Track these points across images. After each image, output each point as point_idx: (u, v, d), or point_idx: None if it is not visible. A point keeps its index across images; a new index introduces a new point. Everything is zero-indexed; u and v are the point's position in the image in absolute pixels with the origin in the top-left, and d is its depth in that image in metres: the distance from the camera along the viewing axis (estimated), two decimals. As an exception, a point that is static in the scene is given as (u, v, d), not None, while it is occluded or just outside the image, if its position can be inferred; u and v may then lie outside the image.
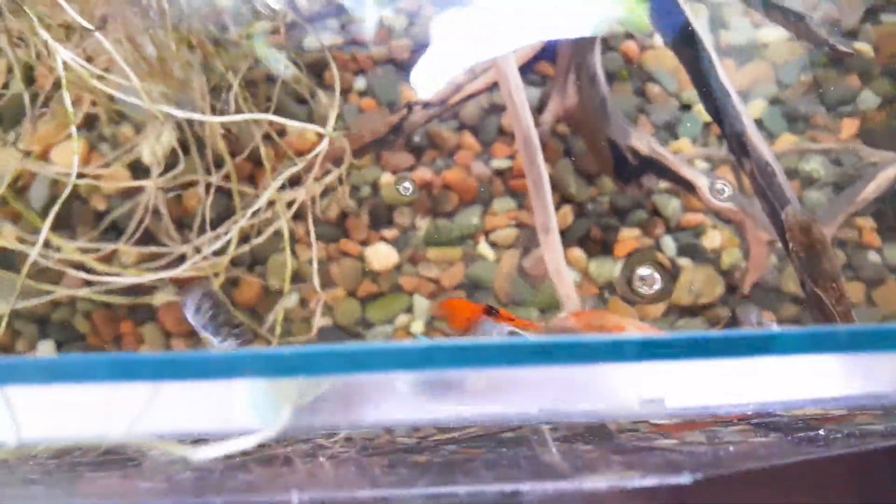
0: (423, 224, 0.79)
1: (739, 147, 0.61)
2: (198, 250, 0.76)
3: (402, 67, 0.83)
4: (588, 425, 0.46)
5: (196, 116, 0.54)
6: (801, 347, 0.27)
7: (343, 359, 0.26)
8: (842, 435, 0.52)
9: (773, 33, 0.79)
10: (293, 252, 0.78)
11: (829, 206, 0.74)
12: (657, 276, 0.73)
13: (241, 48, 0.64)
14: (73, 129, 0.51)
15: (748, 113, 0.62)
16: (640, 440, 0.52)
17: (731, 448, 0.56)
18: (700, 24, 0.70)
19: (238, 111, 0.62)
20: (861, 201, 0.72)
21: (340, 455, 0.52)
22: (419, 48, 0.83)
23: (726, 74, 0.67)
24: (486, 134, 0.80)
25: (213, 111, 0.61)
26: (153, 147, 0.72)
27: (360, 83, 0.83)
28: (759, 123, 0.79)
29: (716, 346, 0.26)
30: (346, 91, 0.82)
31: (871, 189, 0.72)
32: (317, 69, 0.81)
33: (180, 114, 0.53)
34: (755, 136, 0.60)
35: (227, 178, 0.74)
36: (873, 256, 0.78)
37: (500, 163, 0.80)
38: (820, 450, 0.58)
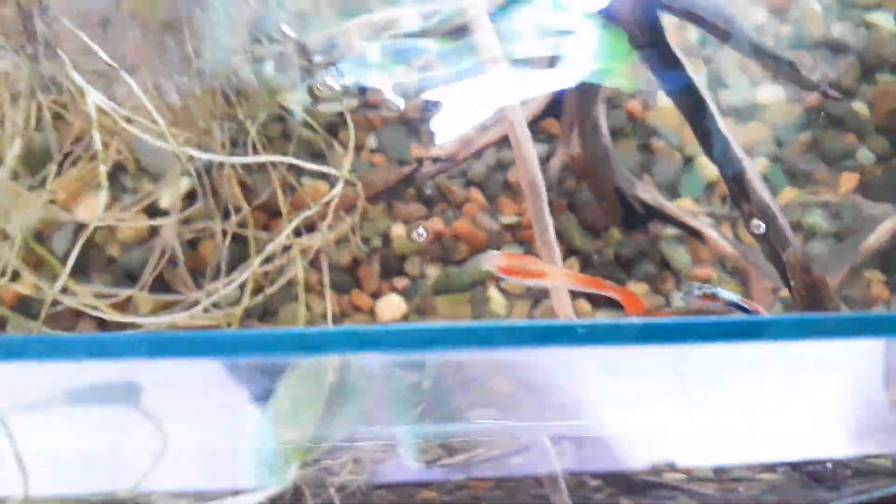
0: (433, 272, 0.82)
1: (740, 190, 0.64)
2: (210, 296, 0.78)
3: (412, 127, 0.87)
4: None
5: (217, 157, 0.57)
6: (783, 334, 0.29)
7: (355, 338, 0.29)
8: (850, 471, 0.53)
9: (772, 92, 0.83)
10: (306, 304, 0.80)
11: (831, 256, 0.76)
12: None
13: (261, 99, 0.69)
14: (102, 168, 0.55)
15: (748, 158, 0.65)
16: (647, 474, 0.53)
17: (741, 489, 0.57)
18: (699, 81, 0.75)
19: (261, 168, 0.66)
20: (863, 252, 0.75)
21: (349, 488, 0.53)
22: (429, 109, 0.88)
23: (725, 124, 0.71)
24: (493, 189, 0.84)
25: (235, 171, 0.65)
26: (173, 192, 0.76)
27: (371, 141, 0.87)
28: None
29: (701, 330, 0.28)
30: (358, 148, 0.86)
31: (872, 240, 0.75)
32: (331, 127, 0.86)
33: (202, 155, 0.57)
34: (755, 180, 0.63)
35: (242, 225, 0.77)
36: (881, 310, 0.80)
37: (507, 218, 0.83)
38: (831, 494, 0.59)
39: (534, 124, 0.83)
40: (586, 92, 0.76)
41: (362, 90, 0.79)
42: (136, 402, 0.83)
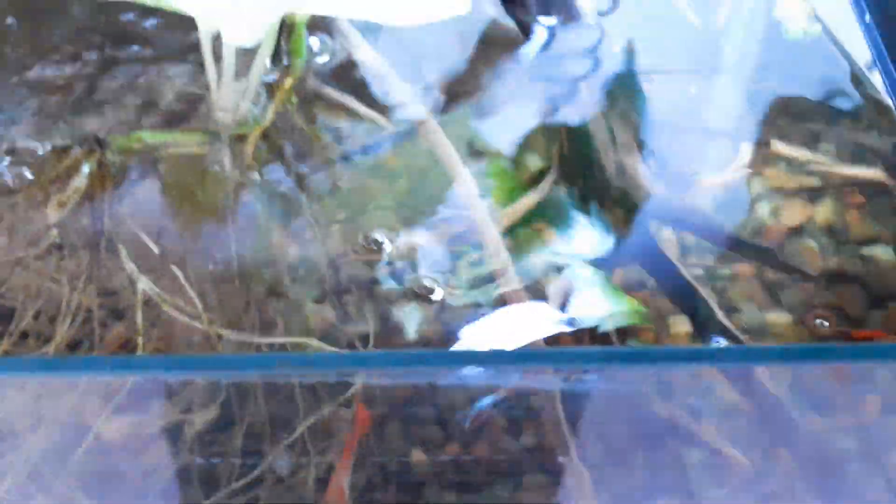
0: (452, 498, 0.82)
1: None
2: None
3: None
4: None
5: (247, 339, 0.64)
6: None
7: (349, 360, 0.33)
8: None
9: (780, 315, 0.88)
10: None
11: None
12: None
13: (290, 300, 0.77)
14: (140, 340, 0.62)
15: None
16: None
17: None
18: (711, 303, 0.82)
19: (282, 348, 0.72)
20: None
21: None
22: (450, 335, 0.94)
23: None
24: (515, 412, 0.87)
25: (258, 349, 0.72)
26: (202, 416, 0.82)
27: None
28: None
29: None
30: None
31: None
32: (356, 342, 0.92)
33: (233, 336, 0.64)
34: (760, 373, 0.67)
35: (258, 440, 0.81)
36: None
37: (528, 439, 0.85)
38: None
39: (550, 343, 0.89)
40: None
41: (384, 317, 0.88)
42: None
